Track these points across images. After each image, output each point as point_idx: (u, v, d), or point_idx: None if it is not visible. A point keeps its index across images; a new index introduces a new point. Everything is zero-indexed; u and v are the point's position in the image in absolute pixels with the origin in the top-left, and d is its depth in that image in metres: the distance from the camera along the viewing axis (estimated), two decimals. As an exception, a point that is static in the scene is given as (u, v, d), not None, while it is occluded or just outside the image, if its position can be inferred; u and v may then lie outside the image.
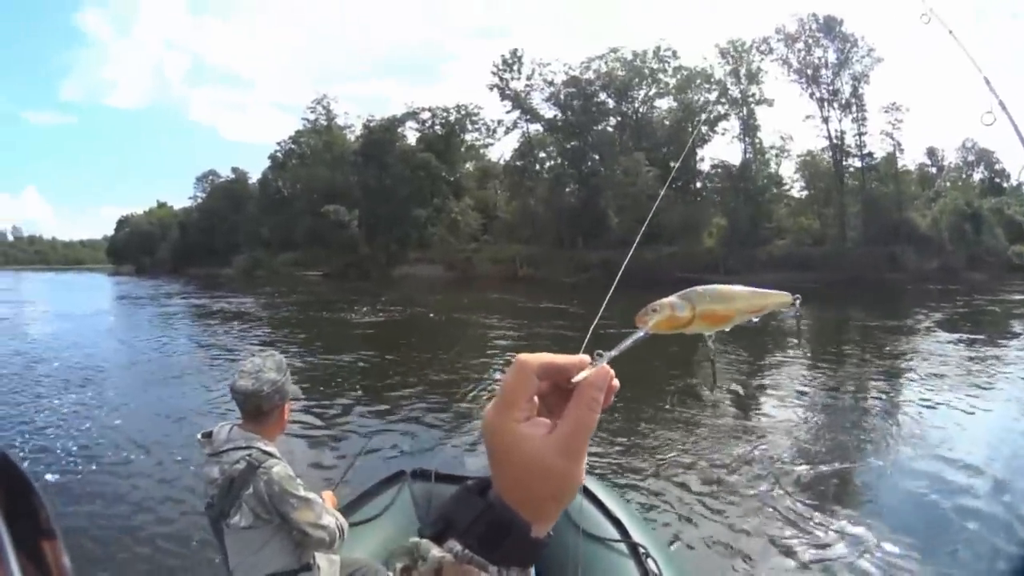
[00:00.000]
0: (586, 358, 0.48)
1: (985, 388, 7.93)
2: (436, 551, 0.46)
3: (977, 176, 43.89)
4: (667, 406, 7.06)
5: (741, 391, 7.97)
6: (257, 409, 1.96)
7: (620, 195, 34.00)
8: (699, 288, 0.50)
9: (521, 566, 0.47)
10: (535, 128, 42.15)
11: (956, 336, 12.58)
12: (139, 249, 54.23)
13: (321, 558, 2.05)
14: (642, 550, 2.33)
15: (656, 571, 2.24)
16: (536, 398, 0.47)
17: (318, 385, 8.19)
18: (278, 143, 47.35)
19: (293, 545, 1.95)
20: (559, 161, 40.31)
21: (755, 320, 0.52)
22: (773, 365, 10.21)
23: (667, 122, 40.52)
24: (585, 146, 39.47)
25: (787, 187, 40.86)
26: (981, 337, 12.55)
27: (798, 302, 0.53)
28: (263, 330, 15.41)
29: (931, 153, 43.33)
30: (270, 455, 1.93)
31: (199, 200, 51.13)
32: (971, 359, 10.12)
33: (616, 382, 0.48)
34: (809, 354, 11.10)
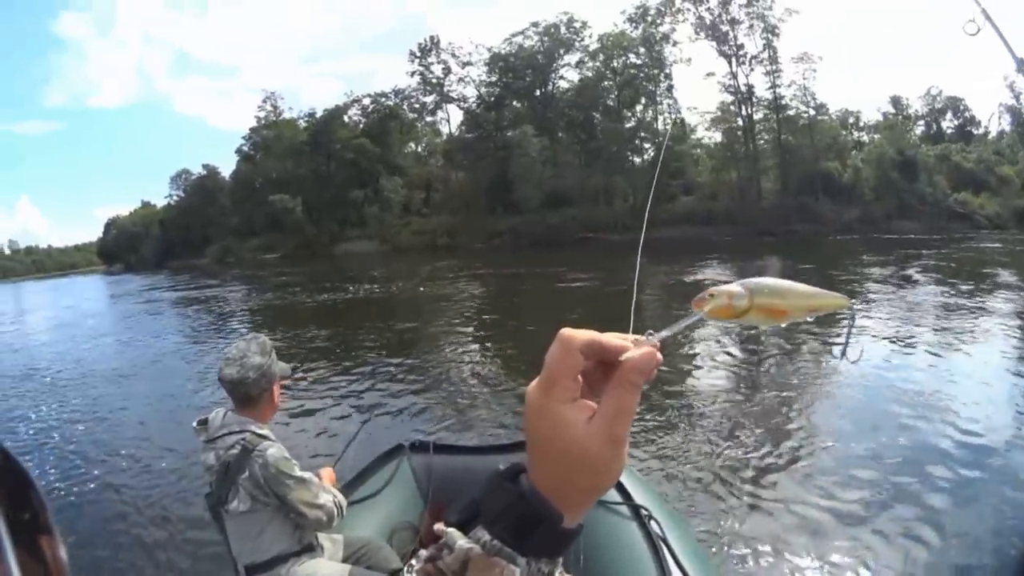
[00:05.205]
0: (630, 341, 0.45)
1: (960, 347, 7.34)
2: (463, 541, 0.44)
3: (946, 125, 42.62)
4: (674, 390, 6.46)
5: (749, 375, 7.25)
6: (246, 396, 1.96)
7: (519, 165, 37.26)
8: (759, 279, 0.48)
9: (550, 557, 0.45)
10: (455, 109, 46.64)
11: (906, 289, 12.26)
12: (127, 249, 57.56)
13: (323, 538, 2.07)
14: (644, 512, 2.24)
15: (660, 533, 2.15)
16: (579, 376, 0.44)
17: (297, 362, 8.10)
18: (243, 138, 52.03)
19: (293, 527, 1.97)
20: (484, 135, 44.12)
21: (809, 319, 0.50)
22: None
23: (579, 81, 42.99)
24: (499, 120, 43.00)
25: (697, 144, 41.95)
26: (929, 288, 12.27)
27: (855, 308, 0.52)
28: (239, 311, 16.28)
29: (895, 102, 42.45)
30: (264, 438, 1.94)
31: (175, 199, 55.26)
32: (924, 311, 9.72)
33: (659, 355, 0.45)
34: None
